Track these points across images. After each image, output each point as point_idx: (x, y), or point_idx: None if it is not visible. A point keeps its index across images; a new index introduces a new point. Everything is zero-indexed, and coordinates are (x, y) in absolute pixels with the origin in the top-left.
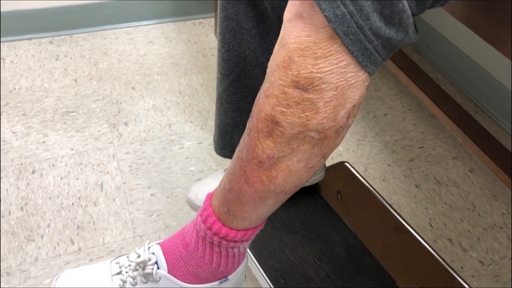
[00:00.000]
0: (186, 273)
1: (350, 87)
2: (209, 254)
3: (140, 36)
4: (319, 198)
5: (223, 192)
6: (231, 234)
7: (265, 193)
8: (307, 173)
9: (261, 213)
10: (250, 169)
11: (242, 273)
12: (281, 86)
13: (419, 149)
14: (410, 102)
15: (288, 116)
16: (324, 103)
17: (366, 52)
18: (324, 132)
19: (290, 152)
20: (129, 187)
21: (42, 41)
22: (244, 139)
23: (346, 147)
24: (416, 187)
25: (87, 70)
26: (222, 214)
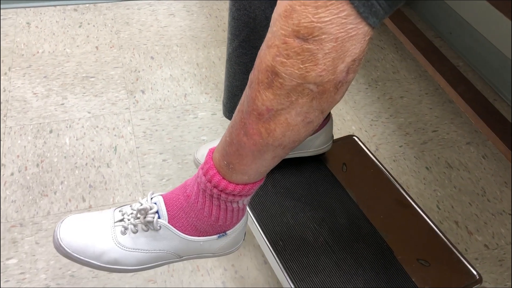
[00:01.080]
0: (186, 224)
1: (350, 39)
2: (209, 206)
3: (162, 8)
4: (324, 168)
5: (223, 145)
6: (230, 187)
7: (263, 146)
8: (305, 128)
9: (260, 167)
10: (249, 121)
11: (241, 230)
12: (282, 35)
13: (432, 133)
14: (428, 87)
15: (288, 67)
16: (323, 55)
17: (367, 3)
18: (323, 85)
19: (289, 105)
20: (142, 152)
21: (67, 8)
22: (246, 91)
23: (359, 127)
24: (426, 169)
25: (108, 38)
26: (222, 167)
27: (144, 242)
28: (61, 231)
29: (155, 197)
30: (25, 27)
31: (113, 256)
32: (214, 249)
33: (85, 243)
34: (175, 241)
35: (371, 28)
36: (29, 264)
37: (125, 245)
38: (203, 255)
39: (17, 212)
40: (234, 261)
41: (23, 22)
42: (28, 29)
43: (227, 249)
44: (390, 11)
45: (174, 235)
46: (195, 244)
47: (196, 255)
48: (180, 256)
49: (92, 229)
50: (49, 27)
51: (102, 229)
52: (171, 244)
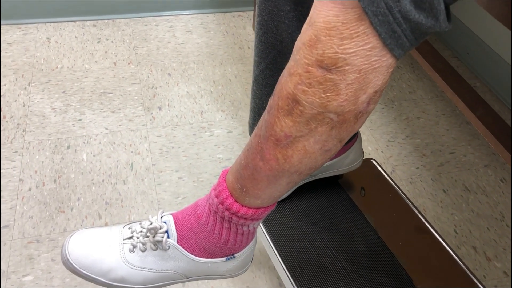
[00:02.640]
0: (194, 245)
1: (374, 71)
2: (219, 228)
3: (180, 25)
4: (342, 192)
5: (238, 168)
6: (242, 211)
7: (279, 171)
8: (322, 156)
9: (274, 192)
10: (267, 146)
11: (249, 253)
12: (305, 64)
13: (449, 155)
14: (445, 107)
15: (309, 95)
16: (346, 85)
17: (394, 34)
18: (344, 115)
19: (308, 132)
20: (158, 169)
21: (86, 24)
22: (264, 116)
23: (375, 147)
24: (443, 192)
25: (126, 54)
26: (235, 190)
27: (152, 261)
28: (69, 246)
29: (165, 216)
30: (45, 42)
31: (120, 273)
32: (221, 271)
33: (93, 259)
34: (183, 261)
35: (394, 60)
36: (45, 282)
37: (133, 264)
38: (210, 276)
39: (34, 228)
40: (249, 283)
41: (43, 37)
42: (48, 44)
43: (234, 272)
44: (415, 43)
45: (182, 255)
46: (203, 265)
47: (202, 277)
48: (187, 276)
49: (100, 245)
50: (68, 43)
51: (111, 246)
52: (179, 264)
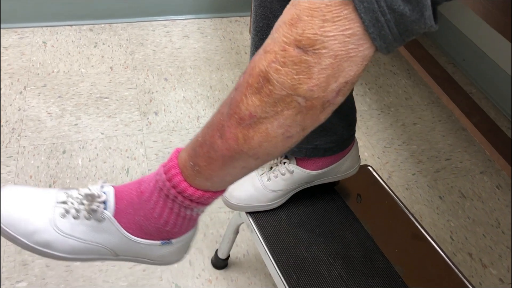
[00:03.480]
0: (131, 222)
1: (349, 59)
2: (161, 207)
3: (177, 29)
4: (339, 198)
5: (194, 145)
6: (189, 191)
7: (237, 153)
8: (283, 142)
9: (226, 175)
10: (228, 124)
11: (186, 242)
12: (282, 42)
13: (446, 161)
14: (441, 114)
15: (282, 75)
16: (319, 70)
17: (377, 23)
18: (312, 100)
19: (273, 114)
20: None
21: (83, 28)
22: (231, 94)
23: (371, 153)
24: (439, 198)
25: (123, 59)
26: (186, 168)
27: (82, 231)
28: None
29: (106, 186)
30: (41, 46)
31: (46, 237)
32: (154, 256)
33: (18, 217)
34: (116, 237)
35: (371, 51)
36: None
37: (62, 230)
38: (141, 259)
39: None
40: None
41: (40, 41)
42: (44, 48)
43: (167, 259)
44: (399, 39)
45: (116, 230)
46: (136, 245)
47: (133, 258)
48: (117, 254)
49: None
50: (64, 47)
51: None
52: (110, 240)
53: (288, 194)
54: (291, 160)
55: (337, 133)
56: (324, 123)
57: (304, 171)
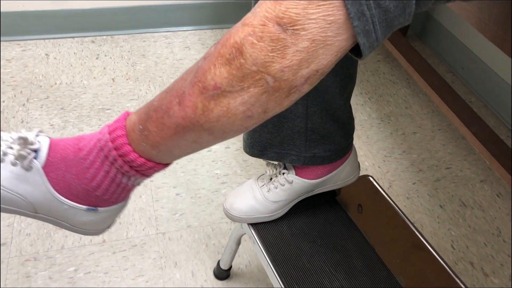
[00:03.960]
0: (60, 179)
1: (324, 47)
2: (97, 168)
3: (178, 41)
4: (340, 209)
5: (147, 108)
6: (132, 156)
7: (192, 123)
8: (241, 121)
9: (174, 147)
10: (190, 91)
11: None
12: (263, 17)
13: (446, 170)
14: (441, 122)
15: (256, 49)
16: (294, 51)
17: (362, 18)
18: (280, 82)
19: (239, 90)
20: (155, 185)
21: (85, 40)
22: (198, 62)
23: (372, 162)
24: (440, 207)
25: (125, 70)
26: (134, 131)
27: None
28: None
29: (42, 136)
30: (44, 58)
31: None
32: (76, 221)
33: None
34: (40, 192)
35: (347, 44)
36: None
37: None
38: (60, 222)
39: (31, 246)
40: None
41: (42, 54)
42: (47, 60)
43: (88, 228)
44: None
45: (41, 184)
46: (59, 205)
47: (53, 218)
48: (36, 211)
49: None
50: (67, 59)
51: None
52: (33, 193)
53: (289, 204)
54: (290, 171)
55: (335, 142)
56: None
57: (304, 180)
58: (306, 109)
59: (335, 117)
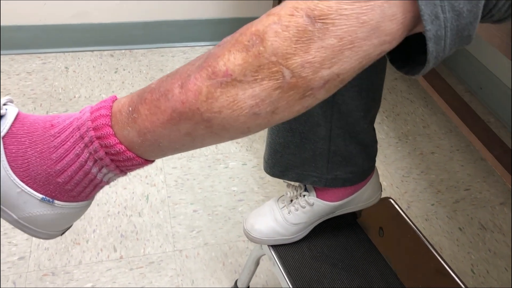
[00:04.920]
0: (20, 154)
1: (351, 49)
2: (66, 149)
3: (195, 56)
4: (361, 232)
5: (142, 90)
6: (111, 140)
7: (191, 109)
8: (245, 119)
9: (162, 137)
10: (197, 75)
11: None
12: (293, 7)
13: (465, 191)
14: (459, 143)
15: (280, 38)
16: (319, 47)
17: (436, 21)
18: (297, 78)
19: (251, 81)
20: (173, 201)
21: (104, 54)
22: (210, 50)
23: (390, 182)
24: (459, 230)
25: (143, 85)
26: (120, 113)
27: None
28: None
29: (11, 105)
30: (64, 71)
31: None
32: (23, 214)
33: None
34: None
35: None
36: None
37: None
38: (5, 211)
39: (49, 260)
40: None
41: (62, 67)
42: (66, 73)
43: (35, 227)
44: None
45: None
46: (11, 187)
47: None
48: None
49: None
50: (86, 72)
51: None
52: None
53: (309, 227)
54: (311, 192)
55: (358, 164)
56: (345, 154)
57: (324, 203)
58: (329, 132)
59: (358, 140)
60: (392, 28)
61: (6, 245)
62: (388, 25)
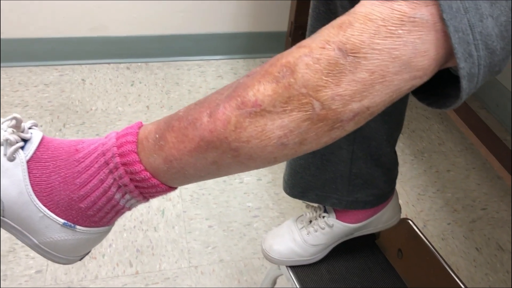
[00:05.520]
0: (44, 179)
1: (382, 84)
2: (91, 174)
3: (211, 69)
4: (379, 253)
5: (170, 118)
6: (136, 166)
7: (219, 138)
8: (273, 148)
9: (188, 165)
10: (226, 104)
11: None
12: (324, 41)
13: (481, 211)
14: (475, 160)
15: (310, 71)
16: (350, 80)
17: (469, 59)
18: (327, 111)
19: (280, 112)
20: (188, 216)
21: (120, 66)
22: (239, 80)
23: (405, 200)
24: (476, 250)
25: (159, 98)
26: (147, 140)
27: None
28: None
29: (36, 129)
30: (80, 83)
31: None
32: (44, 239)
33: None
34: (16, 189)
35: (405, 86)
36: None
37: None
38: (26, 235)
39: (66, 275)
40: None
41: (79, 79)
42: (83, 85)
43: (56, 252)
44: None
45: (21, 181)
46: (33, 211)
47: (19, 228)
48: (3, 215)
49: None
50: (102, 85)
51: None
52: (8, 189)
53: (328, 248)
54: (330, 214)
55: (379, 187)
56: (366, 176)
57: (344, 224)
58: (351, 154)
59: (380, 163)
60: (424, 63)
61: (24, 258)
62: (420, 61)
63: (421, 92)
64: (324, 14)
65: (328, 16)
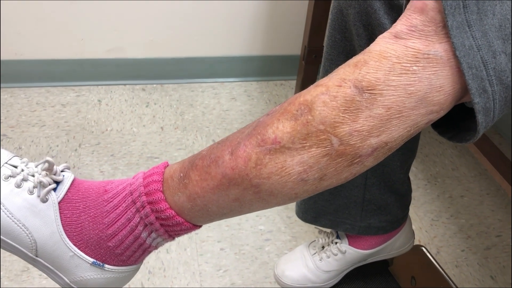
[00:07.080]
0: (74, 220)
1: (399, 119)
2: (119, 214)
3: (225, 92)
4: (393, 281)
5: (194, 157)
6: (162, 205)
7: (241, 176)
8: (293, 184)
9: (212, 202)
10: (246, 142)
11: (116, 279)
12: (340, 79)
13: (496, 238)
14: (489, 186)
15: (328, 108)
16: (367, 116)
17: (484, 94)
18: (345, 146)
19: (299, 148)
20: (200, 238)
21: (136, 88)
22: (259, 118)
23: (419, 226)
24: (491, 278)
25: (173, 119)
26: (172, 179)
27: (17, 204)
28: None
29: (67, 171)
30: (96, 104)
31: None
32: (75, 277)
33: None
34: (48, 230)
35: (422, 121)
36: None
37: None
38: (58, 274)
39: None
40: None
41: (95, 100)
42: (99, 106)
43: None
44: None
45: (53, 222)
46: (64, 251)
47: (51, 268)
48: (37, 253)
49: None
50: (118, 106)
51: None
52: (40, 230)
53: (341, 274)
54: (343, 240)
55: (392, 213)
56: (380, 202)
57: (357, 251)
58: (365, 180)
59: (393, 189)
60: (439, 98)
61: (37, 278)
62: (436, 96)
63: (442, 126)
64: (340, 42)
65: (343, 44)
